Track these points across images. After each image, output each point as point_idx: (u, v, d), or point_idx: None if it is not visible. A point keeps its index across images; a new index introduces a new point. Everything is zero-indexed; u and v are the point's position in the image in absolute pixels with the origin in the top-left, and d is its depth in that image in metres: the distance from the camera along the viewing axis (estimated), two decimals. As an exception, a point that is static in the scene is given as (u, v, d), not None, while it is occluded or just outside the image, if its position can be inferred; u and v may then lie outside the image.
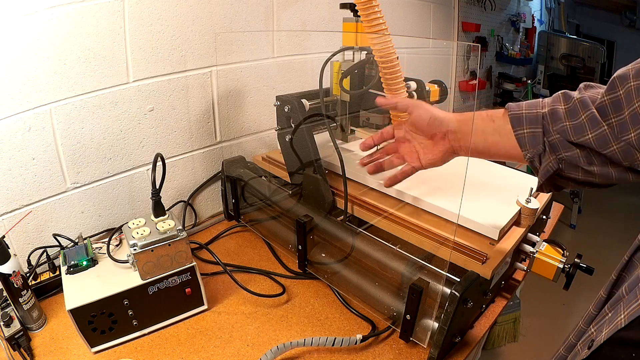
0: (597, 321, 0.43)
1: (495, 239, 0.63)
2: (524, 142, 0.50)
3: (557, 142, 0.48)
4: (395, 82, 0.68)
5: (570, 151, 0.47)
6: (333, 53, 0.75)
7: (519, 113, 0.50)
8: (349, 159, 0.87)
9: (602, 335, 0.39)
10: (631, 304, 0.37)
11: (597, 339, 0.39)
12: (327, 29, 1.15)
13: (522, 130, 0.49)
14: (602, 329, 0.40)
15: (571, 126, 0.46)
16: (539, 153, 0.49)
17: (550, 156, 0.49)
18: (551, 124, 0.48)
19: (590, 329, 0.43)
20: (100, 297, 0.59)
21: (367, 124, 0.79)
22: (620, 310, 0.39)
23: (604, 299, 0.45)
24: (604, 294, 0.45)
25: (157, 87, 0.84)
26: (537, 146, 0.49)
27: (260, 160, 0.96)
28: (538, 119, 0.48)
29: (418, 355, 0.62)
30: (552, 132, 0.48)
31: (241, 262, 0.83)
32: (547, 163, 0.49)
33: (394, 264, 0.63)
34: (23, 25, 0.65)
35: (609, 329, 0.38)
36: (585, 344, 0.42)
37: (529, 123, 0.49)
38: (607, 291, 0.45)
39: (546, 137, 0.48)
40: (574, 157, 0.47)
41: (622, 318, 0.37)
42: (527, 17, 2.63)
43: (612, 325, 0.38)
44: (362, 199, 0.75)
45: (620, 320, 0.37)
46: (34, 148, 0.71)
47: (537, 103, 0.50)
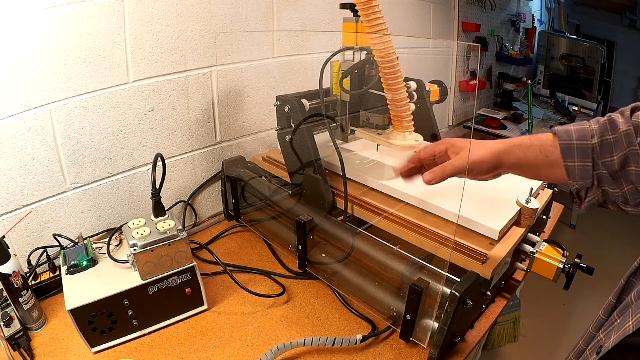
0: (605, 327, 0.44)
1: (495, 239, 0.63)
2: (573, 173, 0.50)
3: (602, 176, 0.48)
4: (395, 82, 0.68)
5: (613, 187, 0.48)
6: (333, 53, 0.75)
7: (570, 143, 0.49)
8: (349, 159, 0.87)
9: (610, 341, 0.39)
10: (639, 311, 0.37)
11: (605, 345, 0.40)
12: (327, 29, 1.15)
13: (573, 162, 0.49)
14: (610, 334, 0.40)
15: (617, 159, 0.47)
16: (586, 187, 0.50)
17: (597, 190, 0.49)
18: (600, 156, 0.48)
19: (599, 335, 0.44)
20: (100, 297, 0.59)
21: (367, 124, 0.79)
22: (629, 316, 0.39)
23: (613, 304, 0.45)
24: (613, 300, 0.45)
25: (157, 87, 0.84)
26: (587, 180, 0.49)
27: (260, 160, 0.96)
28: (588, 152, 0.48)
29: (418, 355, 0.62)
30: (600, 165, 0.48)
31: (241, 262, 0.83)
32: (593, 196, 0.50)
33: (394, 264, 0.63)
34: (23, 25, 0.65)
35: (617, 334, 0.39)
36: (594, 350, 0.42)
37: (580, 156, 0.49)
38: (616, 296, 0.45)
39: (595, 170, 0.49)
40: (615, 195, 0.48)
41: (631, 324, 0.37)
42: (527, 17, 2.63)
43: (621, 332, 0.38)
44: (362, 199, 0.75)
45: (629, 326, 0.37)
46: (34, 148, 0.71)
47: (586, 130, 0.49)
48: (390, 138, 0.74)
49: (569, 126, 0.50)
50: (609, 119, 0.48)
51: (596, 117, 0.50)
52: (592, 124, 0.49)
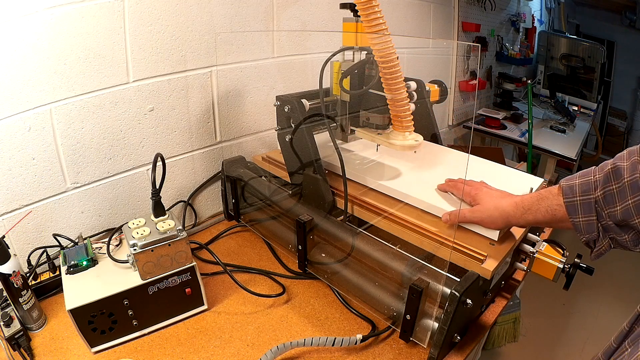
0: (616, 356, 0.44)
1: (495, 239, 0.63)
2: (580, 228, 0.52)
3: (608, 226, 0.50)
4: (395, 82, 0.68)
5: (620, 235, 0.50)
6: (333, 53, 0.75)
7: (574, 201, 0.51)
8: (349, 159, 0.87)
9: None
10: None
11: None
12: (327, 29, 1.15)
13: (578, 218, 0.52)
14: None
15: (620, 210, 0.48)
16: (594, 238, 0.52)
17: (604, 240, 0.51)
18: (604, 208, 0.49)
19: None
20: (100, 297, 0.59)
21: (367, 124, 0.79)
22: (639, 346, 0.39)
23: (626, 332, 0.45)
24: (626, 327, 0.46)
25: (157, 87, 0.84)
26: (592, 232, 0.51)
27: (260, 160, 0.96)
28: (592, 206, 0.50)
29: (418, 355, 0.62)
30: (605, 216, 0.50)
31: (241, 262, 0.83)
32: (600, 246, 0.52)
33: (394, 264, 0.63)
34: (23, 25, 0.65)
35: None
36: None
37: (584, 212, 0.51)
38: (629, 324, 0.45)
39: (599, 221, 0.51)
40: (623, 240, 0.50)
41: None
42: (527, 17, 2.63)
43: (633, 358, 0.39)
44: (362, 199, 0.75)
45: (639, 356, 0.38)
46: (34, 148, 0.71)
47: (589, 183, 0.51)
48: (390, 138, 0.74)
49: (574, 179, 0.52)
50: (613, 167, 0.49)
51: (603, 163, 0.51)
52: (597, 173, 0.51)
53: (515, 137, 2.09)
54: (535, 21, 2.79)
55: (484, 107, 2.34)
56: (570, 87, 2.71)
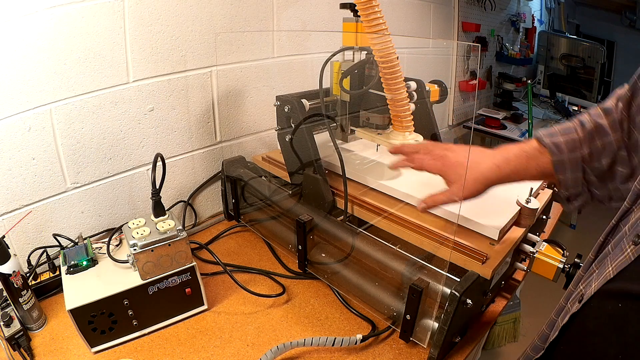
0: (585, 279, 0.46)
1: (495, 239, 0.63)
2: (566, 185, 0.53)
3: (592, 181, 0.51)
4: (395, 82, 0.68)
5: (602, 190, 0.51)
6: (333, 53, 0.75)
7: (562, 159, 0.51)
8: (349, 159, 0.87)
9: (591, 288, 0.41)
10: (617, 257, 0.39)
11: (587, 293, 0.41)
12: (327, 29, 1.15)
13: (566, 175, 0.52)
14: (590, 283, 0.42)
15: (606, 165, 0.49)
16: (577, 193, 0.53)
17: (587, 194, 0.53)
18: (589, 163, 0.50)
19: (579, 287, 0.46)
20: (100, 297, 0.59)
21: (367, 124, 0.79)
22: (607, 264, 0.41)
23: (592, 260, 0.47)
24: (592, 256, 0.47)
25: (157, 87, 0.84)
26: (577, 188, 0.52)
27: (260, 160, 0.96)
28: (579, 164, 0.51)
29: (418, 355, 0.62)
30: (589, 172, 0.51)
31: (241, 262, 0.83)
32: (582, 200, 0.53)
33: (394, 264, 0.63)
34: (23, 25, 0.65)
35: (597, 281, 0.40)
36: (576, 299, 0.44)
37: (572, 170, 0.51)
38: (594, 253, 0.47)
39: (585, 176, 0.51)
40: (603, 196, 0.51)
41: (611, 270, 0.39)
42: (527, 17, 2.63)
43: (602, 278, 0.40)
44: (362, 199, 0.75)
45: (609, 272, 0.39)
46: (34, 148, 0.71)
47: (575, 141, 0.51)
48: (390, 138, 0.74)
49: (557, 135, 0.52)
50: (596, 125, 0.49)
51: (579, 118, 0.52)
52: (578, 130, 0.51)
53: (515, 137, 2.09)
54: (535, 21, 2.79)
55: (484, 107, 2.34)
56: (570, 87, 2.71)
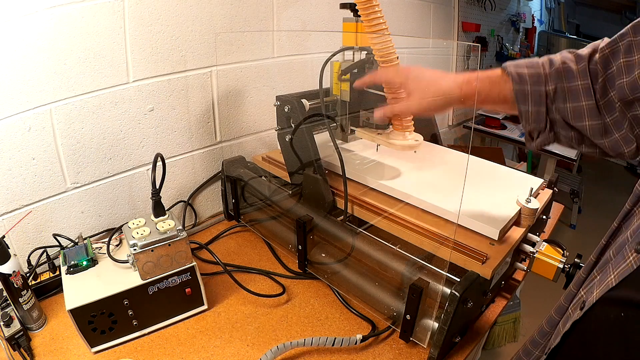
0: (586, 284, 0.45)
1: (495, 239, 0.63)
2: (527, 117, 0.51)
3: (557, 121, 0.50)
4: (395, 82, 0.68)
5: (566, 132, 0.50)
6: (333, 53, 0.75)
7: (524, 89, 0.49)
8: (349, 159, 0.87)
9: (593, 295, 0.40)
10: (620, 265, 0.38)
11: (588, 300, 0.41)
12: (327, 29, 1.15)
13: (527, 107, 0.50)
14: (592, 290, 0.41)
15: (572, 109, 0.48)
16: (539, 130, 0.51)
17: (549, 133, 0.51)
18: (554, 102, 0.49)
19: (580, 292, 0.45)
20: (100, 297, 0.59)
21: (367, 124, 0.79)
22: (609, 271, 0.40)
23: (593, 262, 0.46)
24: (593, 258, 0.47)
25: (157, 87, 0.84)
26: (540, 123, 0.50)
27: (260, 160, 0.96)
28: (542, 98, 0.49)
29: (418, 355, 0.62)
30: (554, 110, 0.49)
31: (241, 262, 0.83)
32: (544, 138, 0.51)
33: (394, 264, 0.63)
34: (23, 25, 0.65)
35: (599, 289, 0.40)
36: (577, 306, 0.43)
37: (535, 103, 0.49)
38: (595, 255, 0.46)
39: (548, 114, 0.50)
40: (568, 136, 0.50)
41: (613, 278, 0.39)
42: (527, 17, 2.63)
43: (603, 285, 0.39)
44: (362, 199, 0.75)
45: (611, 280, 0.39)
46: (34, 148, 0.71)
47: (540, 75, 0.49)
48: (390, 138, 0.74)
49: (522, 67, 0.50)
50: (564, 66, 0.48)
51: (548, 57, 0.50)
52: (546, 66, 0.50)
53: (515, 137, 2.09)
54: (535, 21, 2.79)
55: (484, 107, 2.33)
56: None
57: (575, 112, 0.47)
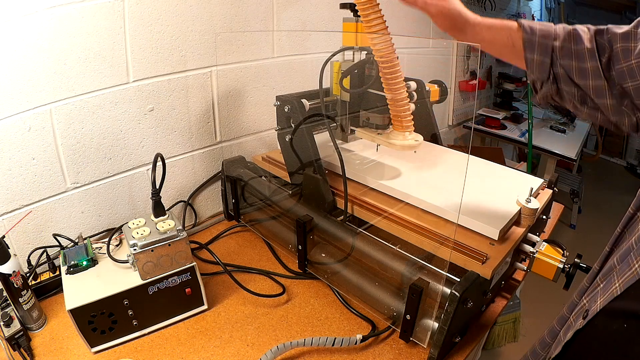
0: (588, 293, 0.44)
1: (495, 239, 0.63)
2: (532, 66, 0.52)
3: (560, 75, 0.51)
4: (395, 82, 0.68)
5: (569, 87, 0.51)
6: (333, 53, 0.75)
7: (533, 39, 0.51)
8: (349, 159, 0.87)
9: (597, 304, 0.40)
10: (624, 273, 0.38)
11: (591, 309, 0.40)
12: (327, 29, 1.15)
13: (533, 56, 0.52)
14: (595, 298, 0.41)
15: (577, 67, 0.49)
16: (542, 80, 0.52)
17: (552, 85, 0.52)
18: (560, 58, 0.50)
19: (583, 301, 0.44)
20: (100, 297, 0.59)
21: (367, 124, 0.79)
22: (613, 279, 0.39)
23: (597, 271, 0.46)
24: (597, 267, 0.47)
25: (157, 87, 0.84)
26: (543, 74, 0.52)
27: (260, 160, 0.96)
28: (548, 51, 0.50)
29: (418, 355, 0.62)
30: (559, 65, 0.50)
31: (241, 262, 0.83)
32: (547, 89, 0.53)
33: (394, 264, 0.63)
34: (23, 25, 0.65)
35: (603, 298, 0.39)
36: (579, 315, 0.43)
37: (540, 52, 0.51)
38: (600, 264, 0.46)
39: (553, 67, 0.51)
40: (571, 93, 0.51)
41: (617, 286, 0.38)
42: (527, 17, 2.63)
43: (608, 294, 0.39)
44: (362, 199, 0.75)
45: (615, 288, 0.38)
46: (34, 148, 0.71)
47: (549, 31, 0.51)
48: (390, 138, 0.74)
49: (535, 23, 0.52)
50: (574, 31, 0.50)
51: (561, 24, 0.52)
52: (558, 29, 0.51)
53: (515, 137, 2.09)
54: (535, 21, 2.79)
55: (484, 107, 2.34)
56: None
57: (579, 71, 0.49)
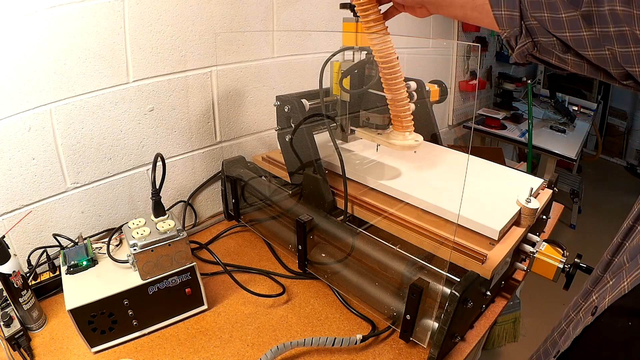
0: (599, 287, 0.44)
1: (495, 239, 0.63)
2: (501, 22, 0.50)
3: (534, 28, 0.48)
4: (395, 82, 0.68)
5: (547, 38, 0.48)
6: (333, 53, 0.75)
7: None
8: (349, 159, 0.87)
9: (605, 301, 0.39)
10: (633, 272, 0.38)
11: (600, 306, 0.40)
12: (327, 29, 1.15)
13: (500, 11, 0.50)
14: (604, 295, 0.41)
15: (550, 19, 0.46)
16: (515, 35, 0.50)
17: (527, 39, 0.49)
18: (529, 9, 0.48)
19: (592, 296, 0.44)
20: (100, 297, 0.59)
21: (367, 124, 0.79)
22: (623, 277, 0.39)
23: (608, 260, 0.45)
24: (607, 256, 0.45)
25: (157, 87, 0.84)
26: (514, 28, 0.49)
27: (260, 160, 0.96)
28: (515, 3, 0.48)
29: (418, 355, 0.62)
30: (530, 17, 0.48)
31: (241, 262, 0.83)
32: (522, 44, 0.50)
33: (394, 264, 0.63)
34: (23, 25, 0.65)
35: (612, 295, 0.39)
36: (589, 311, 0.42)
37: (507, 5, 0.49)
38: (610, 254, 0.45)
39: (524, 20, 0.49)
40: (550, 43, 0.48)
41: (626, 285, 0.38)
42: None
43: (616, 292, 0.39)
44: (362, 199, 0.75)
45: (624, 286, 0.38)
46: (34, 148, 0.71)
47: None
48: (390, 138, 0.74)
49: None
50: None
51: None
52: None
53: (515, 137, 2.09)
54: (535, 21, 2.79)
55: (484, 107, 2.34)
56: (570, 87, 2.71)
57: (553, 22, 0.46)
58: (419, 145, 0.73)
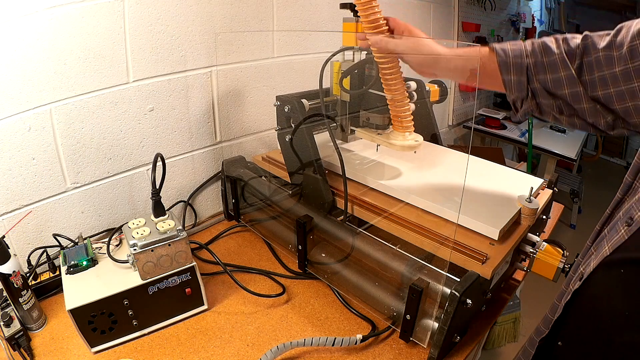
0: (584, 262, 0.49)
1: (495, 239, 0.63)
2: (510, 87, 0.56)
3: (537, 90, 0.54)
4: (395, 82, 0.68)
5: (547, 100, 0.54)
6: (333, 53, 0.75)
7: (507, 60, 0.55)
8: (349, 159, 0.87)
9: (590, 266, 0.45)
10: (613, 238, 0.43)
11: (587, 271, 0.45)
12: (327, 29, 1.15)
13: (510, 77, 0.55)
14: (589, 263, 0.46)
15: (552, 80, 0.52)
16: (522, 98, 0.56)
17: (531, 101, 0.56)
18: (535, 74, 0.54)
19: (579, 269, 0.49)
20: (100, 297, 0.59)
21: (367, 124, 0.79)
22: (604, 245, 0.44)
23: (589, 246, 0.51)
24: (589, 243, 0.51)
25: (157, 87, 0.84)
26: (522, 92, 0.55)
27: (260, 160, 0.96)
28: (523, 69, 0.54)
29: (418, 355, 0.62)
30: (535, 81, 0.54)
31: (241, 262, 0.83)
32: (527, 106, 0.56)
33: (394, 264, 0.63)
34: (23, 25, 0.65)
35: (596, 260, 0.44)
36: (577, 279, 0.47)
37: (516, 72, 0.55)
38: (591, 240, 0.51)
39: (530, 84, 0.55)
40: (549, 105, 0.55)
41: (607, 249, 0.43)
42: (527, 17, 2.63)
43: (599, 256, 0.44)
44: (362, 199, 0.75)
45: (606, 250, 0.43)
46: (34, 148, 0.71)
47: (521, 50, 0.55)
48: (390, 138, 0.74)
49: (506, 44, 0.56)
50: (543, 44, 0.53)
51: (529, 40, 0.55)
52: (527, 45, 0.55)
53: (515, 137, 2.09)
54: (535, 21, 2.79)
55: (484, 107, 2.34)
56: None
57: (554, 82, 0.52)
58: (419, 145, 0.73)
